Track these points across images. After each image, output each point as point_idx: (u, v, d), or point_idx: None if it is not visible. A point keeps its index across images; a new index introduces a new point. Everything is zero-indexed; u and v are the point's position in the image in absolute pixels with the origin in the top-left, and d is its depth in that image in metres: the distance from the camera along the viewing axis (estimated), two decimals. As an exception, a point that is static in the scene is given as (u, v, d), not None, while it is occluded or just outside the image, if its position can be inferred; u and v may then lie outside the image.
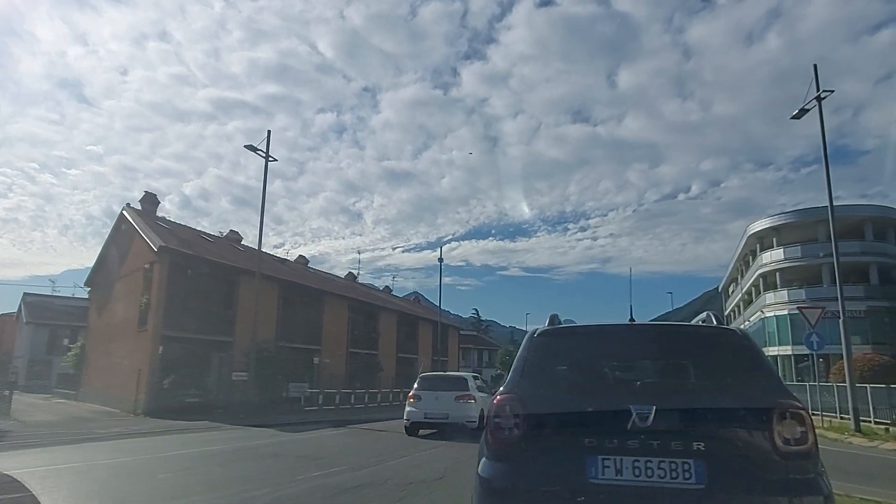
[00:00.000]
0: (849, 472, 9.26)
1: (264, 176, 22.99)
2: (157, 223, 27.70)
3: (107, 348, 27.28)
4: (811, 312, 18.14)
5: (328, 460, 9.65)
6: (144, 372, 22.18)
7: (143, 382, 22.08)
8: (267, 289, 27.89)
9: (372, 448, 11.96)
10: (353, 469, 8.71)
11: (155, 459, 9.89)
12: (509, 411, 3.28)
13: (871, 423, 16.12)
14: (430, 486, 7.35)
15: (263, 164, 23.09)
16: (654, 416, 2.97)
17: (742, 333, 3.68)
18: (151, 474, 8.22)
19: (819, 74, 17.27)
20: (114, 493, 7.00)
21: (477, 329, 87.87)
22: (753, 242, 49.30)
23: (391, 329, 41.58)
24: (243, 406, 21.08)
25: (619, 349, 3.95)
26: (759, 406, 3.05)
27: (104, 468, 8.92)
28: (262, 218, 23.09)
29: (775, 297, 45.53)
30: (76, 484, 7.29)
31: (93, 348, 30.02)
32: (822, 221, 42.89)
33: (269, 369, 23.72)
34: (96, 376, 28.24)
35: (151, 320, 22.87)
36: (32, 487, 6.51)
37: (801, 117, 18.03)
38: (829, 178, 17.15)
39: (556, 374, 3.77)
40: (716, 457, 2.92)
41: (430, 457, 10.38)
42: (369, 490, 7.08)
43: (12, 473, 7.34)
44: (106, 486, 7.39)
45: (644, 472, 2.95)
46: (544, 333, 3.90)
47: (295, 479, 7.73)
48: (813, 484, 2.91)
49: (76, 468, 8.67)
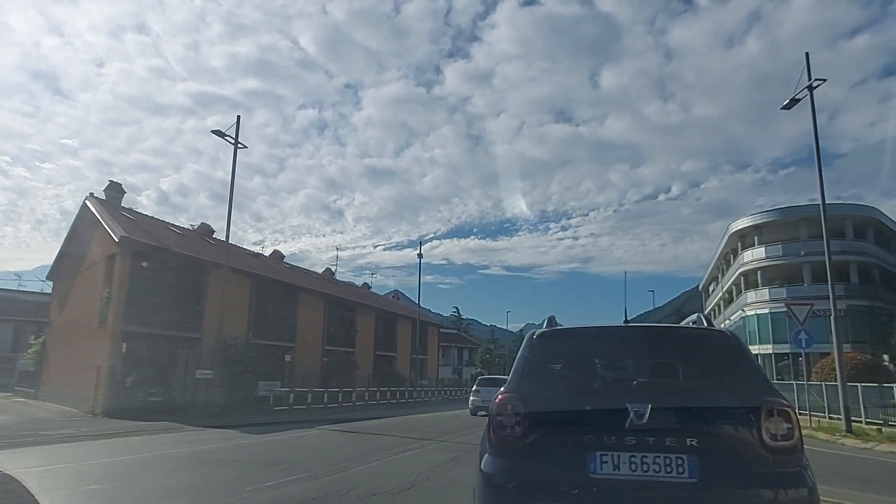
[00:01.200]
0: (848, 477, 8.58)
1: (233, 163, 21.91)
2: (122, 214, 26.41)
3: (67, 345, 25.94)
4: (799, 309, 17.60)
5: (287, 466, 8.72)
6: (104, 370, 20.96)
7: (103, 381, 20.86)
8: (238, 283, 26.78)
9: (339, 452, 11.03)
10: (313, 477, 7.79)
11: (89, 467, 8.83)
12: (511, 410, 3.40)
13: (863, 424, 15.58)
14: (397, 498, 6.50)
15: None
16: (650, 414, 3.12)
17: (731, 335, 3.84)
18: (76, 486, 7.18)
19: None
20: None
21: (458, 327, 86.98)
22: (735, 241, 49.18)
23: (369, 326, 40.57)
24: (208, 406, 19.98)
25: (615, 350, 4.09)
26: (748, 404, 3.20)
27: (24, 478, 7.87)
28: (231, 207, 21.99)
29: (756, 296, 45.42)
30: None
31: (53, 345, 28.60)
32: (803, 220, 42.93)
33: (237, 367, 22.61)
34: (56, 374, 26.84)
35: (112, 315, 21.64)
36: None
37: (791, 107, 17.47)
38: (821, 169, 16.60)
39: (556, 374, 3.89)
40: (708, 452, 3.07)
41: (401, 461, 9.51)
42: (326, 503, 6.20)
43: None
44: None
45: (640, 466, 3.10)
46: (544, 335, 4.00)
47: (243, 490, 6.79)
48: (798, 477, 3.07)
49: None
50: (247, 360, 23.70)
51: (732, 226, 48.50)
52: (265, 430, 15.25)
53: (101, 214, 24.60)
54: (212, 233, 33.63)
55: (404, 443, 12.44)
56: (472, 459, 9.66)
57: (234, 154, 21.94)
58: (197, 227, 34.28)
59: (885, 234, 46.07)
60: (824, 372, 24.58)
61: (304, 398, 24.85)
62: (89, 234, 26.15)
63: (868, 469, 10.00)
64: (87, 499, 6.52)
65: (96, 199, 26.63)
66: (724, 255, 54.85)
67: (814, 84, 16.54)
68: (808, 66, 16.64)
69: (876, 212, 44.50)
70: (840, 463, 10.54)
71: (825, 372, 24.74)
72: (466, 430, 15.75)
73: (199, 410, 19.65)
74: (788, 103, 17.32)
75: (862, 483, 8.17)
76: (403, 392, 37.18)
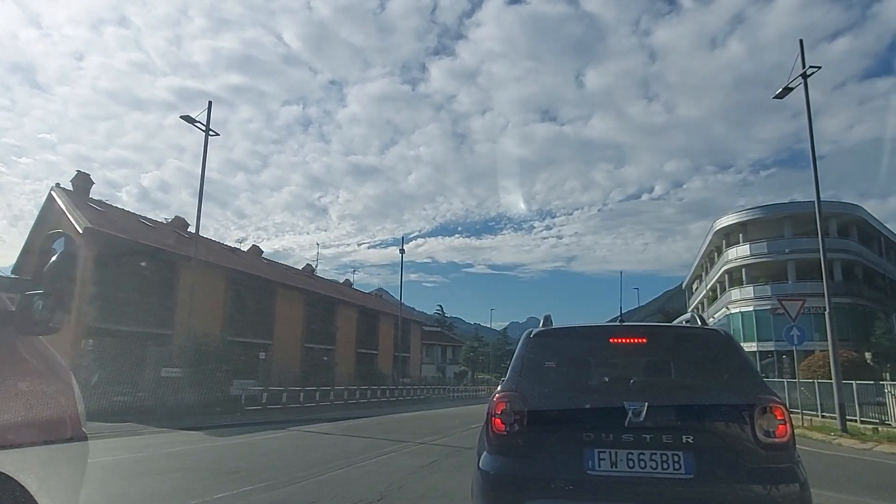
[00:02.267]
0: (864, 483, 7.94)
1: (204, 150, 20.96)
2: (90, 205, 25.27)
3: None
4: (791, 305, 17.09)
5: (245, 474, 7.87)
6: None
7: (65, 380, 19.77)
8: (212, 278, 25.78)
9: (307, 457, 10.17)
10: (271, 487, 6.95)
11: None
12: (509, 408, 3.42)
13: (857, 423, 15.04)
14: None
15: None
16: (647, 412, 3.17)
17: (725, 333, 3.90)
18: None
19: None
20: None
21: (441, 325, 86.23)
22: (720, 238, 48.95)
23: (350, 324, 39.66)
24: (176, 406, 18.99)
25: (612, 348, 4.04)
26: (742, 402, 3.25)
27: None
28: (201, 196, 21.09)
29: (741, 294, 45.21)
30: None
31: (17, 342, 27.30)
32: (787, 217, 42.79)
33: (209, 364, 21.59)
34: (19, 373, 25.60)
35: (74, 310, 20.54)
36: None
37: (784, 96, 16.92)
38: (815, 160, 16.08)
39: (553, 373, 3.86)
40: (703, 449, 3.13)
41: (373, 468, 8.71)
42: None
43: None
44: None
45: (637, 463, 3.14)
46: (541, 334, 4.02)
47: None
48: (790, 472, 3.13)
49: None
50: (219, 357, 22.68)
51: (717, 223, 48.24)
52: (233, 432, 14.35)
53: (66, 205, 23.44)
54: (186, 226, 32.41)
55: (380, 445, 11.64)
56: (450, 465, 8.89)
57: (206, 141, 20.97)
58: (171, 220, 33.15)
59: (868, 233, 46.13)
60: (811, 370, 24.24)
61: (279, 397, 23.89)
62: (54, 227, 24.95)
63: (877, 474, 9.33)
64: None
65: (62, 190, 25.38)
66: (708, 253, 54.66)
67: (808, 72, 15.98)
68: (803, 53, 16.09)
69: (860, 210, 44.53)
70: (846, 466, 9.89)
71: (812, 370, 24.40)
72: (447, 431, 14.98)
73: (166, 411, 18.64)
74: (781, 92, 16.76)
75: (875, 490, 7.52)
76: (385, 390, 36.38)
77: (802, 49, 16.07)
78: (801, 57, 16.09)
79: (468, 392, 56.48)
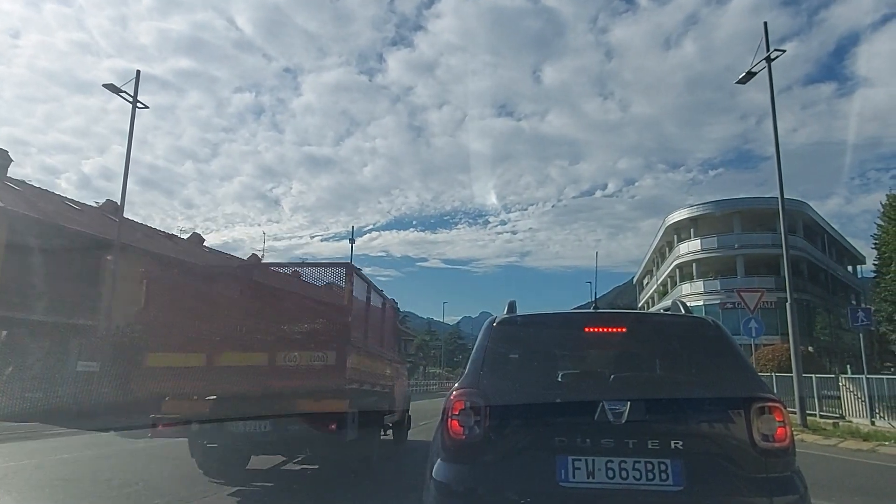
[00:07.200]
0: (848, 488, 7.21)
1: (130, 124, 19.19)
2: (7, 184, 23.01)
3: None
4: (750, 296, 16.74)
5: (139, 488, 6.58)
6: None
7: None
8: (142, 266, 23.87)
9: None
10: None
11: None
12: (469, 407, 2.98)
13: (817, 418, 14.69)
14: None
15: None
16: (629, 412, 2.80)
17: (714, 322, 3.51)
18: None
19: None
20: None
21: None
22: (671, 233, 49.39)
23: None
24: (92, 403, 17.25)
25: (587, 339, 3.57)
26: (737, 401, 2.90)
27: None
28: (126, 173, 19.23)
29: (691, 288, 45.66)
30: None
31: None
32: (737, 213, 43.34)
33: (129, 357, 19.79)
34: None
35: (-21, 298, 18.48)
36: None
37: (746, 82, 16.48)
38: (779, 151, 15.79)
39: (520, 367, 3.40)
40: (694, 456, 2.79)
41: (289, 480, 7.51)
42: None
43: None
44: None
45: (618, 473, 2.76)
46: (505, 321, 3.55)
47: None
48: (789, 482, 2.80)
49: None
50: (141, 349, 20.89)
51: (669, 218, 48.64)
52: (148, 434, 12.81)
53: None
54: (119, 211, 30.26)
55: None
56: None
57: (133, 113, 19.21)
58: (102, 203, 30.86)
59: (813, 230, 47.25)
60: (760, 363, 24.27)
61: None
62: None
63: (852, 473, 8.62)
64: None
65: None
66: (659, 249, 55.19)
67: (772, 55, 15.50)
68: (766, 36, 15.64)
69: (805, 206, 45.48)
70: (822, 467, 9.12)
71: (761, 363, 24.45)
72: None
73: (78, 408, 16.90)
74: (744, 77, 16.29)
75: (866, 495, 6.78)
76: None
77: (766, 31, 15.60)
78: (766, 40, 15.63)
79: (419, 386, 55.61)
